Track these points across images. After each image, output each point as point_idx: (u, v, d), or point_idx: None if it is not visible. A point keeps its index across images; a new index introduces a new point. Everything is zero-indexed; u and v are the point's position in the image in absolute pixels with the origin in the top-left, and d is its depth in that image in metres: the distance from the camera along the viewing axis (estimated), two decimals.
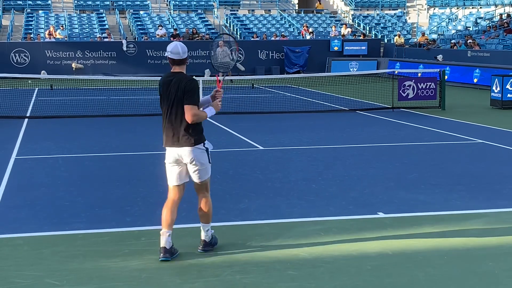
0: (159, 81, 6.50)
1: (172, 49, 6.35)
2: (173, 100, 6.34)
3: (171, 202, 6.55)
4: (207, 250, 6.59)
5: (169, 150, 6.49)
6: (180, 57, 6.38)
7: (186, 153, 6.42)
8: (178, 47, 6.36)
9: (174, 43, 6.44)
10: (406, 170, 10.80)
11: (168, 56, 6.38)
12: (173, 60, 6.39)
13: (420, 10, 43.69)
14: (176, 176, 6.53)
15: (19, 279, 5.93)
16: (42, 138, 14.39)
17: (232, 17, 40.11)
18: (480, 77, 27.24)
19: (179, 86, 6.31)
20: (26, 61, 32.15)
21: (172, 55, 6.36)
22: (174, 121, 6.37)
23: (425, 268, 6.16)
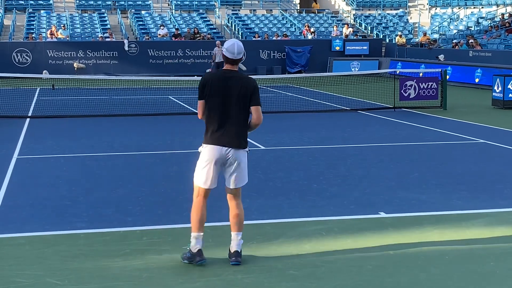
0: (208, 76, 6.25)
1: (228, 47, 6.18)
2: (235, 98, 6.13)
3: (202, 203, 6.31)
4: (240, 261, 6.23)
5: (215, 148, 6.14)
6: (234, 57, 6.18)
7: (237, 155, 6.18)
8: (234, 47, 6.16)
9: (232, 41, 6.24)
10: (408, 170, 10.79)
11: (223, 53, 6.22)
12: (227, 58, 6.20)
13: (422, 10, 43.69)
14: (212, 179, 6.22)
15: (20, 279, 5.94)
16: (43, 138, 14.41)
17: (233, 17, 40.12)
18: (482, 77, 27.23)
19: (243, 85, 6.16)
20: (28, 61, 32.17)
21: (227, 53, 6.18)
22: (233, 119, 6.14)
23: (426, 268, 6.16)
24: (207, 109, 6.18)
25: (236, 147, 6.15)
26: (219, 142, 6.12)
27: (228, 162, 6.18)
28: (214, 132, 6.14)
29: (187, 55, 33.89)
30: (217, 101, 6.13)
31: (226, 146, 6.12)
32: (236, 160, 6.17)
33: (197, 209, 6.28)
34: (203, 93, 6.18)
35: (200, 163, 6.23)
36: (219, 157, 6.15)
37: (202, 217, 6.27)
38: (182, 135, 14.89)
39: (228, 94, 6.12)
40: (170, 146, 13.30)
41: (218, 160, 6.16)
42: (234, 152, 6.15)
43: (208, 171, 6.18)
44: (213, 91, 6.13)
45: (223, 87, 6.14)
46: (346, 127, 16.03)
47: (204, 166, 6.20)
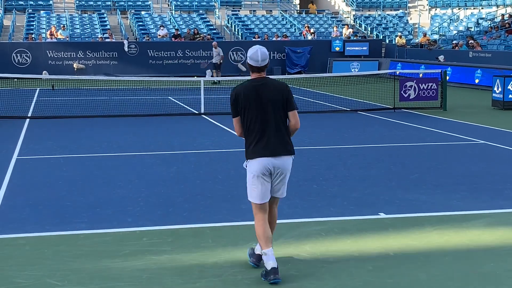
0: (239, 90, 5.90)
1: (251, 55, 5.88)
2: (271, 105, 5.84)
3: (262, 218, 5.92)
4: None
5: (262, 161, 5.84)
6: (259, 64, 5.87)
7: (287, 163, 5.91)
8: (258, 54, 5.85)
9: (255, 48, 5.90)
10: (407, 171, 10.79)
11: (248, 61, 5.92)
12: (252, 66, 5.90)
13: (422, 10, 43.70)
14: (265, 193, 5.90)
15: (20, 279, 5.94)
16: (43, 138, 14.40)
17: (233, 18, 40.12)
18: (482, 78, 27.24)
19: (277, 90, 5.88)
20: (27, 61, 32.17)
21: (251, 61, 5.88)
22: (274, 127, 5.86)
23: (426, 269, 6.16)
24: (246, 123, 5.89)
25: (284, 154, 5.88)
26: (265, 153, 5.84)
27: (277, 172, 5.88)
28: (257, 144, 5.85)
29: (187, 55, 33.89)
30: (254, 113, 5.84)
31: (273, 156, 5.83)
32: (285, 168, 5.91)
33: (260, 226, 5.90)
34: (237, 109, 5.91)
35: (250, 179, 5.92)
36: (268, 169, 5.85)
37: (266, 233, 5.87)
38: (182, 135, 14.89)
39: (263, 103, 5.83)
40: (170, 147, 13.30)
41: (267, 172, 5.86)
42: (283, 161, 5.88)
43: (260, 186, 5.87)
44: (247, 104, 5.84)
45: (257, 96, 5.83)
46: (346, 128, 16.03)
47: (254, 182, 5.90)
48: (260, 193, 5.89)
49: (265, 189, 5.89)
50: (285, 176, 5.96)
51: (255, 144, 5.86)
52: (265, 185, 5.89)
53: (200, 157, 12.10)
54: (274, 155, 5.84)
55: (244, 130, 5.95)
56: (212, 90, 24.94)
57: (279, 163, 5.87)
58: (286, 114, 5.93)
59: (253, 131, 5.87)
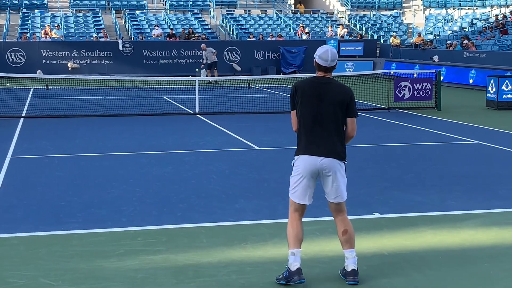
0: (300, 84, 5.81)
1: (321, 54, 5.72)
2: (331, 106, 5.68)
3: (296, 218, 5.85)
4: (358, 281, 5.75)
5: (309, 159, 5.70)
6: (328, 64, 5.71)
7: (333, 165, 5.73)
8: (328, 54, 5.70)
9: (325, 47, 5.75)
10: (402, 171, 10.81)
11: (316, 60, 5.76)
12: (320, 65, 5.75)
13: (416, 10, 43.76)
14: (308, 194, 5.81)
15: (14, 279, 5.92)
16: (37, 138, 14.37)
17: (228, 17, 40.11)
18: (476, 78, 27.29)
19: (340, 93, 5.72)
20: (22, 61, 32.10)
21: (320, 60, 5.73)
22: (328, 128, 5.69)
23: (420, 269, 6.17)
24: (300, 118, 5.76)
25: (333, 156, 5.70)
26: (314, 151, 5.68)
27: (325, 173, 5.71)
28: (308, 142, 5.71)
29: (182, 55, 33.87)
30: (310, 110, 5.70)
31: (322, 156, 5.67)
32: (332, 170, 5.72)
33: (292, 224, 5.80)
34: (294, 102, 5.82)
35: (294, 176, 5.79)
36: (314, 168, 5.69)
37: (298, 233, 5.77)
38: (177, 135, 14.88)
39: (323, 102, 5.68)
40: (164, 146, 13.28)
41: (313, 172, 5.70)
42: (330, 162, 5.70)
43: (303, 185, 5.73)
44: (305, 99, 5.73)
45: (318, 94, 5.69)
46: None
47: (298, 180, 5.75)
48: (301, 193, 5.76)
49: (308, 191, 5.75)
50: (335, 179, 5.75)
51: (307, 142, 5.72)
52: (309, 186, 5.74)
53: (194, 157, 12.09)
54: (324, 155, 5.69)
55: (298, 125, 5.81)
56: (207, 90, 24.92)
57: (326, 164, 5.71)
58: (344, 119, 5.76)
59: (306, 128, 5.73)
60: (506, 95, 19.79)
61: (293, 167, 5.83)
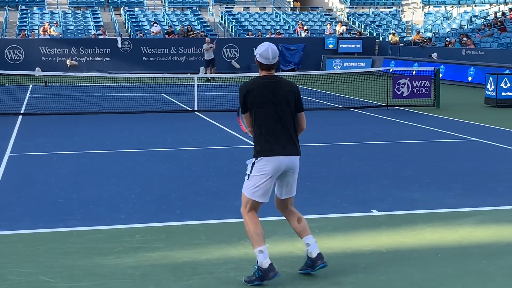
0: (249, 85, 5.76)
1: (261, 52, 5.73)
2: (285, 104, 5.71)
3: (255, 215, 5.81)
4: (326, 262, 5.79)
5: (275, 160, 5.66)
6: (270, 62, 5.72)
7: (296, 163, 5.80)
8: (268, 52, 5.71)
9: (265, 45, 5.77)
10: (401, 168, 10.81)
11: (257, 59, 5.77)
12: (262, 64, 5.76)
13: (415, 8, 43.75)
14: (268, 192, 5.76)
15: (13, 276, 5.93)
16: (36, 135, 14.37)
17: (227, 15, 40.08)
18: (475, 75, 27.30)
19: (289, 90, 5.76)
20: (20, 58, 32.08)
21: (261, 58, 5.74)
22: (286, 126, 5.72)
23: (419, 266, 6.17)
24: (257, 120, 5.70)
25: (296, 154, 5.77)
26: (280, 152, 5.68)
27: (287, 172, 5.75)
28: (272, 142, 5.67)
29: (180, 52, 33.85)
30: (267, 110, 5.68)
31: (287, 155, 5.69)
32: (295, 168, 5.80)
33: (253, 223, 5.74)
34: (247, 105, 5.75)
35: (258, 176, 5.68)
36: (279, 169, 5.69)
37: (261, 230, 5.74)
38: (175, 132, 14.88)
39: (277, 101, 5.68)
40: (163, 144, 13.28)
41: (279, 172, 5.71)
42: (295, 160, 5.77)
43: (267, 185, 5.70)
44: (259, 100, 5.68)
45: (271, 93, 5.69)
46: (339, 125, 16.04)
47: (264, 180, 5.68)
48: (264, 192, 5.72)
49: (268, 189, 5.74)
50: (293, 177, 5.85)
51: (268, 143, 5.68)
52: (271, 185, 5.75)
53: (193, 154, 12.09)
54: (287, 154, 5.71)
55: (254, 127, 5.76)
56: (205, 87, 24.91)
57: (290, 163, 5.74)
58: (295, 114, 5.82)
59: (266, 129, 5.69)
60: (505, 93, 19.80)
61: (253, 167, 5.72)
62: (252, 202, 5.76)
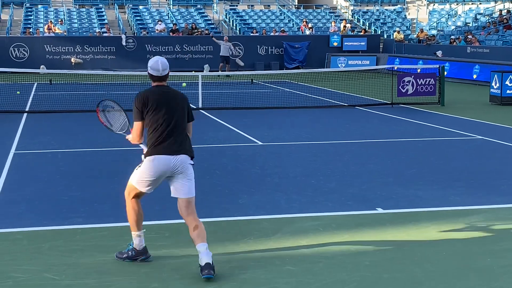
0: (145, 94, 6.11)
1: (152, 65, 6.11)
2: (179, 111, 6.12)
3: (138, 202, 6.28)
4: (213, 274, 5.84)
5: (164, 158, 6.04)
6: (160, 74, 6.10)
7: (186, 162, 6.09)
8: (158, 64, 6.09)
9: (155, 58, 6.19)
10: (405, 166, 10.80)
11: (149, 71, 6.14)
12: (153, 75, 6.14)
13: (420, 6, 43.66)
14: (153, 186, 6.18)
15: (17, 274, 5.94)
16: (41, 133, 14.39)
17: (231, 12, 40.07)
18: (480, 73, 27.23)
19: (181, 99, 6.22)
20: (25, 56, 32.12)
21: (152, 70, 6.11)
22: (178, 130, 6.10)
23: (423, 264, 6.17)
24: (153, 124, 6.07)
25: (184, 153, 6.08)
26: (169, 152, 6.03)
27: (175, 171, 6.05)
28: (161, 144, 6.05)
29: (185, 50, 33.86)
30: (167, 117, 6.07)
31: (175, 155, 6.04)
32: (184, 168, 6.06)
33: (135, 210, 6.21)
34: (143, 113, 6.10)
35: (145, 171, 6.12)
36: (167, 167, 6.03)
37: (140, 216, 6.23)
38: None
39: (173, 108, 6.09)
40: None
41: (164, 169, 6.04)
42: (183, 160, 6.06)
43: (153, 179, 6.09)
44: (158, 107, 6.06)
45: (168, 102, 6.10)
46: (343, 123, 16.04)
47: (149, 174, 6.09)
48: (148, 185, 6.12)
49: (154, 183, 6.12)
50: (185, 176, 6.06)
51: (159, 144, 6.05)
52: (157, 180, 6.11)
53: (197, 152, 12.03)
54: (175, 154, 6.04)
55: (149, 130, 6.12)
56: (210, 85, 24.92)
57: (178, 162, 6.03)
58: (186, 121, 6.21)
59: (159, 131, 6.05)
60: (510, 91, 19.75)
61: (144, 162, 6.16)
62: (136, 191, 6.19)
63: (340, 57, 34.41)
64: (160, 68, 6.09)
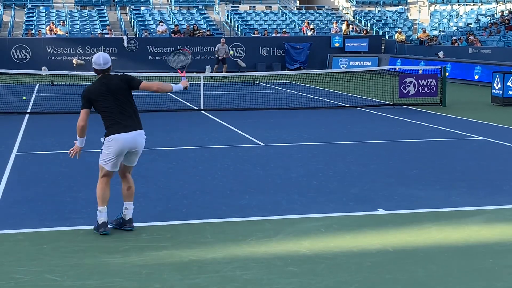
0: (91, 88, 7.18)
1: (94, 60, 7.12)
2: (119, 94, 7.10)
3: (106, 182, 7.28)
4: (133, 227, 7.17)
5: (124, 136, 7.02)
6: (102, 67, 7.13)
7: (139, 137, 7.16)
8: (100, 59, 7.11)
9: (97, 54, 7.18)
10: (407, 167, 10.80)
11: (93, 66, 7.17)
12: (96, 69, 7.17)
13: (421, 6, 43.65)
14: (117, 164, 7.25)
15: (20, 275, 5.94)
16: (43, 134, 14.40)
17: (233, 14, 40.08)
18: (481, 74, 27.22)
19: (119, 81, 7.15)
20: (27, 57, 32.14)
21: (95, 65, 7.14)
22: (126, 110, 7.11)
23: (425, 265, 6.17)
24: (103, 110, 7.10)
25: (138, 128, 7.13)
26: (125, 130, 7.02)
27: (132, 146, 7.07)
28: (116, 125, 7.05)
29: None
30: (112, 102, 7.07)
31: (130, 132, 7.03)
32: (138, 143, 7.12)
33: (102, 188, 7.21)
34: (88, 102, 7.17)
35: (107, 152, 7.10)
36: (124, 144, 7.01)
37: (106, 194, 7.20)
38: (181, 131, 14.89)
39: (115, 93, 7.07)
40: (169, 142, 13.30)
41: (123, 146, 7.03)
42: (137, 136, 7.11)
43: (114, 157, 7.08)
44: (100, 96, 7.08)
45: (108, 89, 7.07)
46: (345, 124, 16.03)
47: (110, 154, 7.07)
48: (113, 164, 7.14)
49: (117, 161, 7.13)
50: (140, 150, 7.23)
51: (115, 124, 7.05)
52: (119, 157, 7.11)
53: (199, 153, 12.10)
54: (129, 131, 7.05)
55: (102, 116, 7.15)
56: (211, 86, 24.92)
57: (134, 138, 7.07)
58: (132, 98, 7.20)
59: (110, 115, 7.07)
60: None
61: (104, 144, 7.15)
62: (104, 171, 7.19)
63: (342, 58, 34.42)
64: (102, 62, 7.12)
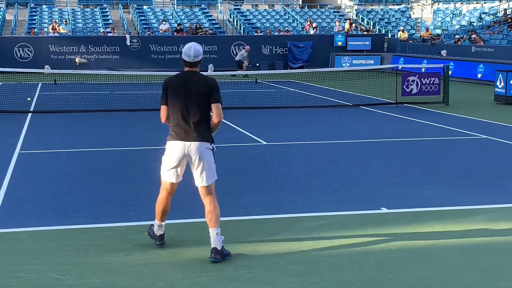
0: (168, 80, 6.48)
1: (185, 50, 6.36)
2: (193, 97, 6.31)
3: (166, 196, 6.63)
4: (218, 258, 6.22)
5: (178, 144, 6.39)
6: (191, 60, 6.35)
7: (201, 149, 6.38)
8: (190, 50, 6.33)
9: (189, 44, 6.39)
10: (410, 165, 10.78)
11: (182, 57, 6.41)
12: (184, 61, 6.39)
13: (424, 5, 43.60)
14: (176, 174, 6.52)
15: (22, 273, 5.95)
16: (45, 133, 14.41)
17: (235, 12, 40.07)
18: (484, 73, 27.19)
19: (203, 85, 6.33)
20: (30, 56, 32.17)
21: (184, 56, 6.38)
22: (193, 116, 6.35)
23: (428, 264, 6.16)
24: (171, 110, 6.40)
25: (199, 140, 6.32)
26: (184, 138, 6.33)
27: (193, 157, 6.32)
28: (176, 129, 6.37)
29: None
30: (181, 101, 6.31)
31: (190, 141, 6.31)
32: (198, 154, 6.32)
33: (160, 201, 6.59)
34: (166, 98, 6.42)
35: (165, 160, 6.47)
36: (182, 152, 6.33)
37: (162, 208, 6.57)
38: None
39: (189, 93, 6.29)
40: None
41: (180, 154, 6.34)
42: (198, 147, 6.32)
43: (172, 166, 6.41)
44: (174, 92, 6.35)
45: (184, 87, 6.32)
46: (348, 123, 16.02)
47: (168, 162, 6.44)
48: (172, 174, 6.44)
49: (178, 171, 6.43)
50: (201, 162, 6.34)
51: (175, 129, 6.37)
52: (176, 166, 6.40)
53: None
54: (190, 140, 6.31)
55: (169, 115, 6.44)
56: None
57: (193, 148, 6.30)
58: (209, 106, 6.35)
59: (176, 118, 6.36)
60: None
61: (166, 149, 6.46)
62: (163, 182, 6.52)
63: (345, 56, 34.40)
64: (192, 54, 6.32)
